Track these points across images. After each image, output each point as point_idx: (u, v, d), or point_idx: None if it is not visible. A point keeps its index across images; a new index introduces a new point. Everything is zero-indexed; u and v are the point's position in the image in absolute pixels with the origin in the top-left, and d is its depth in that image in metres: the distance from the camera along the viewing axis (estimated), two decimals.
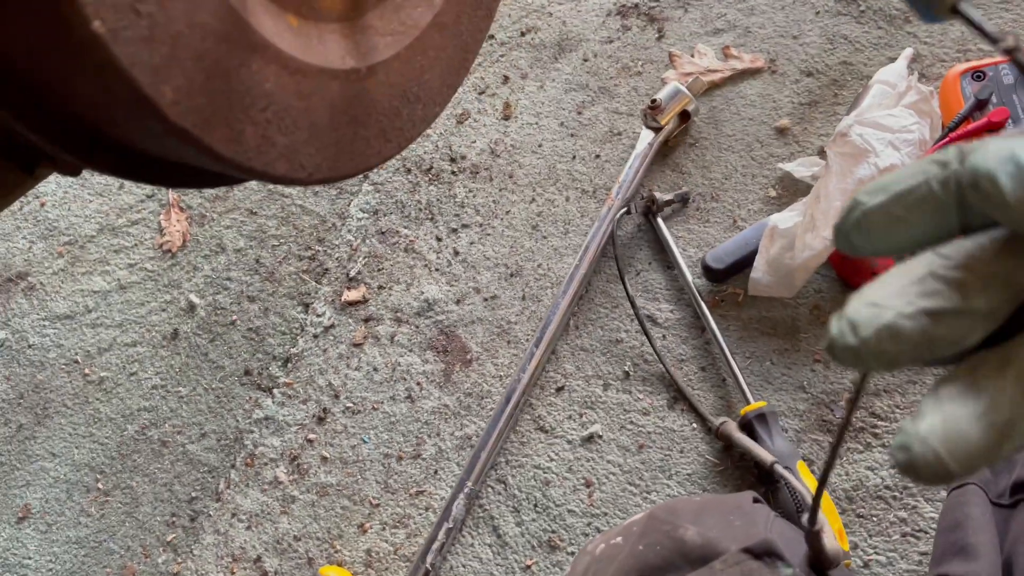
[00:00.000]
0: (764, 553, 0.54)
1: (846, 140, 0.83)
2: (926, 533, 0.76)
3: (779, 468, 0.73)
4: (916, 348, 0.22)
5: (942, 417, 0.22)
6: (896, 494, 0.78)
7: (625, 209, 0.96)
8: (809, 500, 0.73)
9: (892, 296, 0.23)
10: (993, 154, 0.22)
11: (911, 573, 0.75)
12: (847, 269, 0.86)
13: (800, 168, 0.93)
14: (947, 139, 0.85)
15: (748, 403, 0.82)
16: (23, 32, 0.39)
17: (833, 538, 0.57)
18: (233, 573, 0.95)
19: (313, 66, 0.47)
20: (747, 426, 0.80)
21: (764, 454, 0.76)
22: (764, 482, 0.80)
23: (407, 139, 0.59)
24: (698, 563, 0.57)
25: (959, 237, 0.24)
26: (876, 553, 0.76)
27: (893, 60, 0.96)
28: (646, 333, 0.91)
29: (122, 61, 0.36)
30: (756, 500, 0.64)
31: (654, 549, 0.59)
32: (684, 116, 1.00)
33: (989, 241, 0.23)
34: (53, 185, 1.30)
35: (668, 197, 0.95)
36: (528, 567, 0.86)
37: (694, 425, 0.86)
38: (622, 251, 0.97)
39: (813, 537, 0.48)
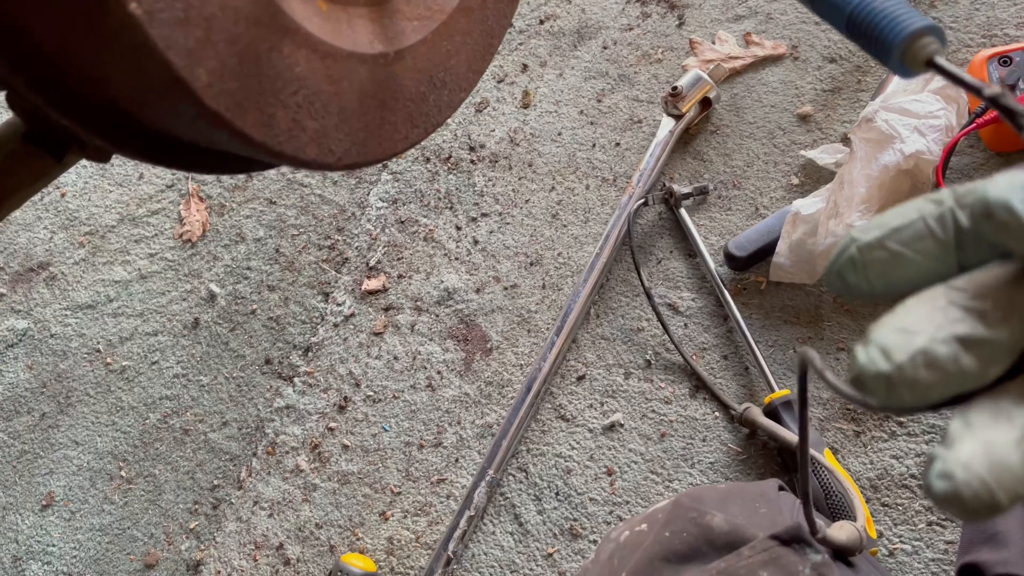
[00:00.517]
0: (793, 540, 0.54)
1: (871, 126, 0.82)
2: (952, 522, 0.75)
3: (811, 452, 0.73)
4: (948, 379, 0.21)
5: (982, 444, 0.20)
6: (922, 483, 0.77)
7: (643, 200, 0.95)
8: (840, 485, 0.73)
9: (921, 321, 0.22)
10: (1005, 183, 0.21)
11: (936, 562, 0.74)
12: None
13: (823, 155, 0.92)
14: (973, 125, 0.84)
15: (772, 391, 0.81)
16: (57, 16, 0.39)
17: (862, 526, 0.57)
18: (256, 560, 0.96)
19: (342, 50, 0.47)
20: (773, 414, 0.79)
21: (791, 437, 0.76)
22: (788, 470, 0.79)
23: (433, 124, 0.59)
24: (725, 550, 0.57)
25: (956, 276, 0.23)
26: (901, 542, 0.76)
27: None
28: (664, 325, 0.90)
29: (158, 43, 0.36)
30: (781, 488, 0.63)
31: (680, 536, 0.58)
32: (705, 103, 0.99)
33: (1003, 272, 0.22)
34: (73, 175, 1.31)
35: (687, 190, 0.94)
36: (550, 555, 0.86)
37: (716, 414, 0.86)
38: (643, 240, 0.97)
39: (804, 502, 0.47)
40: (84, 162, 1.30)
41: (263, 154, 0.44)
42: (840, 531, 0.55)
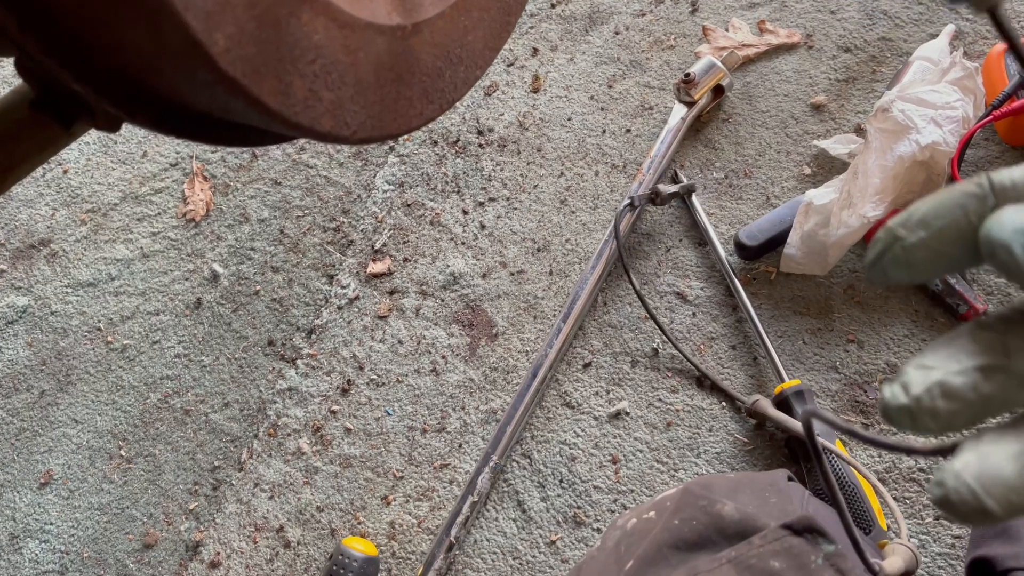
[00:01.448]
0: (805, 530, 0.53)
1: (887, 116, 0.81)
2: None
3: (823, 441, 0.72)
4: (971, 408, 0.22)
5: (977, 455, 0.22)
6: (930, 476, 0.76)
7: (629, 202, 0.93)
8: (852, 474, 0.73)
9: (942, 359, 0.23)
10: (1008, 224, 0.22)
11: (943, 556, 0.74)
12: None
13: (836, 145, 0.91)
14: (990, 117, 0.83)
15: (782, 381, 0.80)
16: None
17: (909, 542, 0.56)
18: (256, 542, 0.95)
19: (361, 20, 0.46)
20: (783, 403, 0.79)
21: (797, 425, 0.75)
22: (796, 460, 0.79)
23: (449, 101, 0.58)
24: (735, 539, 0.56)
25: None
26: (909, 536, 0.75)
27: (934, 36, 0.94)
28: (659, 326, 0.90)
29: (176, 5, 0.35)
30: (790, 478, 0.63)
31: (690, 524, 0.58)
32: (718, 91, 0.98)
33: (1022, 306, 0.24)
34: (76, 152, 1.30)
35: (672, 189, 0.93)
36: (553, 542, 0.85)
37: (723, 404, 0.86)
38: (652, 227, 0.96)
39: (852, 542, 0.47)
40: (87, 139, 1.28)
41: (279, 124, 0.43)
42: (895, 558, 0.55)
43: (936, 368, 0.23)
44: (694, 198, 0.94)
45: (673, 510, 0.59)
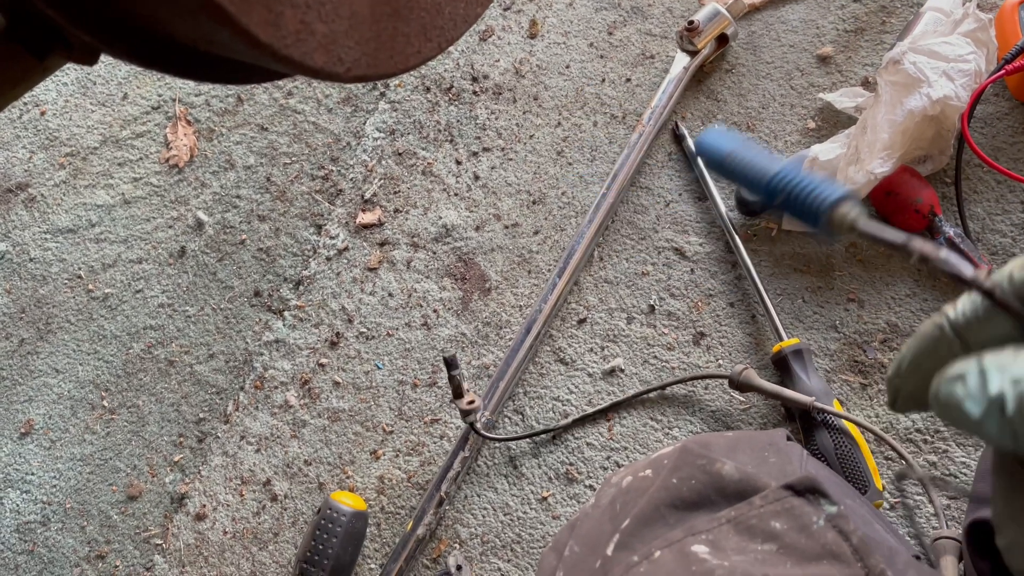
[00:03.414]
0: (807, 490, 0.52)
1: (898, 68, 0.79)
2: (956, 477, 0.74)
3: (818, 406, 0.71)
4: None
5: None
6: (927, 437, 0.76)
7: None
8: (848, 435, 0.72)
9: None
10: (955, 378, 0.25)
11: (938, 518, 0.73)
12: (889, 207, 0.82)
13: (842, 99, 0.89)
14: (1003, 72, 0.81)
15: (781, 340, 0.79)
16: None
17: None
18: (242, 496, 0.94)
19: None
20: (782, 362, 0.77)
21: (796, 396, 0.74)
22: (793, 419, 0.78)
23: (448, 39, 0.54)
24: (735, 498, 0.55)
25: None
26: (903, 496, 0.75)
27: None
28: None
29: None
30: (788, 438, 0.62)
31: (688, 483, 0.57)
32: (722, 40, 0.95)
33: None
34: (54, 93, 1.25)
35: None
36: (544, 499, 0.84)
37: (720, 362, 0.84)
38: (650, 181, 0.93)
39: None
40: (65, 79, 1.23)
41: (268, 58, 0.40)
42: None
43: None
44: (694, 150, 0.91)
45: (671, 468, 0.58)
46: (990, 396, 0.23)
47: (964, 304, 0.27)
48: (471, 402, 0.82)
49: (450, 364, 0.81)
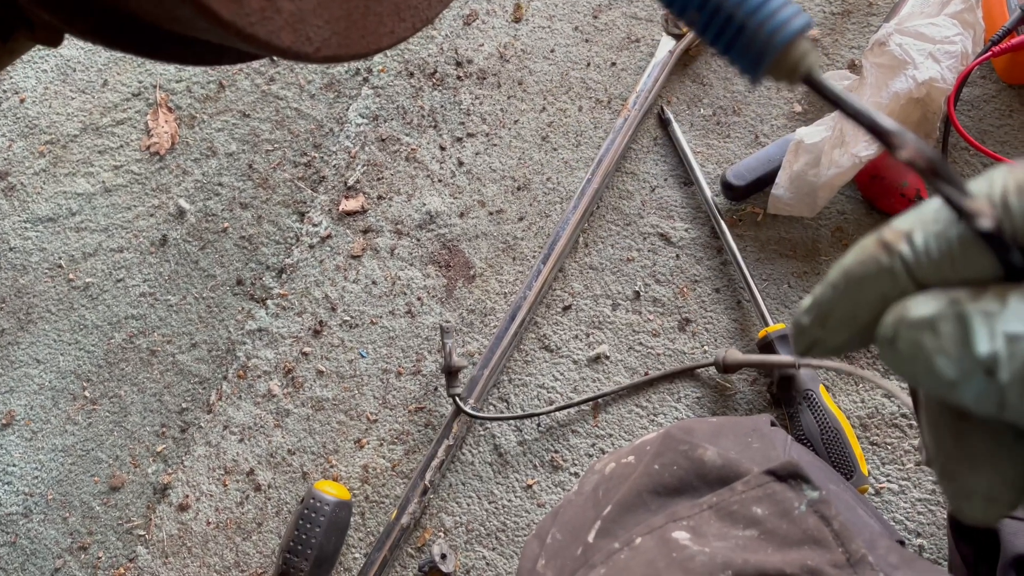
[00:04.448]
0: (789, 476, 0.52)
1: (884, 50, 0.78)
2: None
3: (803, 362, 0.71)
4: None
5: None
6: (912, 422, 0.75)
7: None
8: (835, 419, 0.71)
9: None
10: (921, 324, 0.20)
11: (923, 502, 0.73)
12: (874, 190, 0.82)
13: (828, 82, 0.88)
14: (989, 54, 0.80)
15: (767, 325, 0.78)
16: None
17: None
18: (226, 485, 0.93)
19: None
20: (767, 348, 0.77)
21: (781, 358, 0.73)
22: (778, 405, 0.77)
23: (422, 19, 0.53)
24: (717, 484, 0.54)
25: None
26: (888, 481, 0.74)
27: None
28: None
29: None
30: (772, 424, 0.61)
31: (670, 469, 0.56)
32: None
33: None
34: (33, 80, 1.23)
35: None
36: (529, 486, 0.84)
37: (705, 348, 0.84)
38: (635, 166, 0.92)
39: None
40: (44, 66, 1.22)
41: (233, 37, 0.39)
42: None
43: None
44: (679, 133, 0.91)
45: (653, 455, 0.57)
46: (978, 356, 0.18)
47: (927, 238, 0.20)
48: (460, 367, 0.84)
49: (445, 331, 0.84)
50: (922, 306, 0.19)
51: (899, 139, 0.20)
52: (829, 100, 0.22)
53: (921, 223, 0.20)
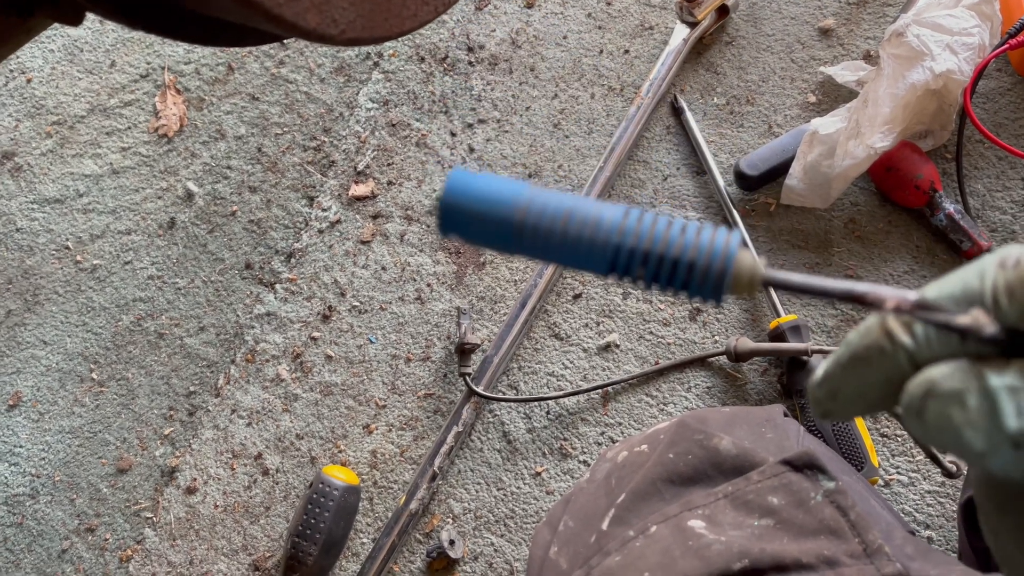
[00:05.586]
0: (805, 466, 0.52)
1: (902, 40, 0.77)
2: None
3: (816, 348, 0.71)
4: None
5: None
6: None
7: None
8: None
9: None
10: (950, 397, 0.20)
11: (932, 494, 0.73)
12: (888, 182, 0.82)
13: (843, 72, 0.87)
14: (1006, 46, 0.79)
15: (778, 316, 0.78)
16: None
17: None
18: (233, 469, 0.93)
19: None
20: (779, 338, 0.77)
21: (793, 345, 0.73)
22: (789, 395, 0.77)
23: (445, 4, 0.53)
24: (732, 474, 0.54)
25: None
26: (898, 473, 0.75)
27: None
28: None
29: None
30: (785, 414, 0.61)
31: (685, 458, 0.56)
32: (722, 11, 0.93)
33: None
34: (40, 60, 1.22)
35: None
36: (538, 474, 0.84)
37: (716, 338, 0.84)
38: (648, 155, 0.92)
39: None
40: (52, 46, 1.21)
41: (260, 18, 0.39)
42: None
43: None
44: (692, 122, 0.90)
45: (667, 443, 0.57)
46: (1008, 432, 0.19)
47: (928, 329, 0.21)
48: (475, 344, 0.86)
49: (462, 311, 0.87)
50: (949, 379, 0.20)
51: (877, 295, 0.22)
52: (796, 291, 0.23)
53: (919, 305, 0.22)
